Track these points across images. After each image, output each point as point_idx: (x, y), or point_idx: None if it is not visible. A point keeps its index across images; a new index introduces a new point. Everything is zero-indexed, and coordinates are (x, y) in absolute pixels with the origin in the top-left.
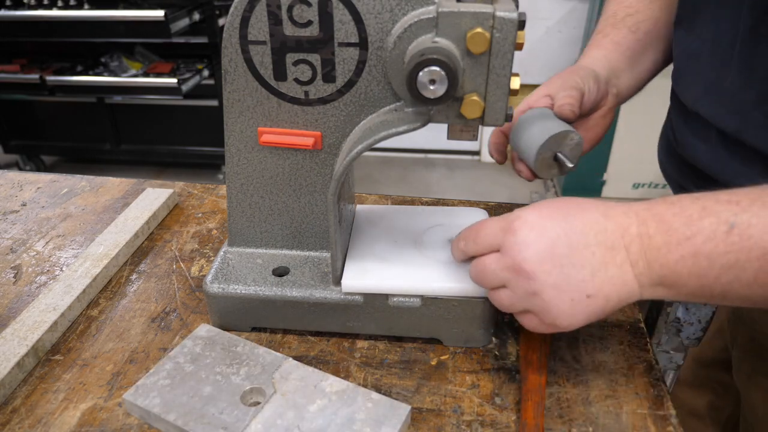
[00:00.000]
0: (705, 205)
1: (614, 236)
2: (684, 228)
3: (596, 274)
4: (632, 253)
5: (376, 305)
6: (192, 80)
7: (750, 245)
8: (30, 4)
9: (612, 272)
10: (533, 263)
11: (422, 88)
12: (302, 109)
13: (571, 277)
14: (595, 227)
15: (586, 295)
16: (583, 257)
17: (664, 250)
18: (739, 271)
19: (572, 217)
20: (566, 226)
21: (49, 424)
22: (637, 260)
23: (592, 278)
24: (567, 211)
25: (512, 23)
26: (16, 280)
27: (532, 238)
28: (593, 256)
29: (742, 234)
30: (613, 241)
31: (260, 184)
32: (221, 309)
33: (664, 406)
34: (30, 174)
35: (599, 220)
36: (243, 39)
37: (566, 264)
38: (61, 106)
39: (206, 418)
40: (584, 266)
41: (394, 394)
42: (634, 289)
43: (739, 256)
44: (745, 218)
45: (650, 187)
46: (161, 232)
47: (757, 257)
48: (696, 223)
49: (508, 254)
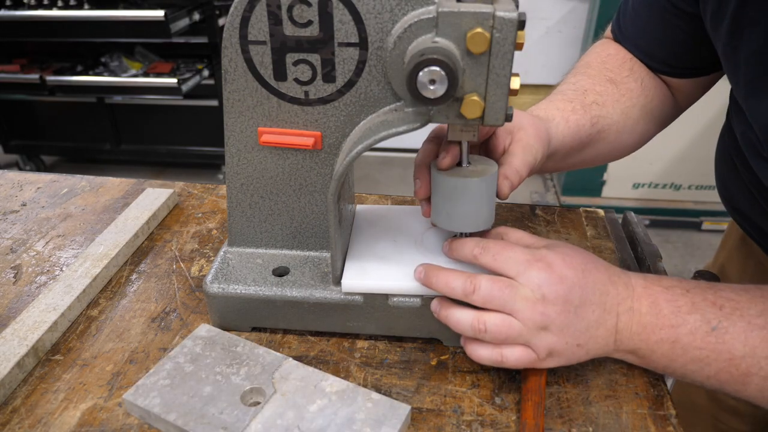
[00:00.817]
0: (694, 300)
1: (612, 302)
2: (672, 316)
3: (589, 329)
4: (621, 321)
5: (376, 305)
6: (192, 80)
7: (721, 348)
8: (30, 4)
9: (600, 332)
10: (550, 302)
11: (422, 88)
12: (302, 109)
13: (573, 325)
14: (600, 288)
15: (576, 344)
16: (586, 311)
17: (649, 329)
18: (704, 366)
19: (588, 272)
20: (582, 279)
21: (49, 424)
22: (622, 329)
23: (585, 332)
24: (585, 266)
25: (512, 23)
26: (16, 280)
27: (554, 280)
28: (592, 313)
29: (718, 337)
30: (610, 307)
31: (260, 184)
32: (221, 309)
33: (664, 406)
34: (30, 174)
35: (605, 283)
36: (243, 39)
37: (572, 312)
38: (61, 106)
39: (206, 418)
40: (584, 319)
41: (394, 394)
42: (609, 351)
43: (710, 354)
44: (724, 324)
45: (650, 187)
46: (161, 232)
47: (724, 360)
48: (684, 315)
49: (528, 286)
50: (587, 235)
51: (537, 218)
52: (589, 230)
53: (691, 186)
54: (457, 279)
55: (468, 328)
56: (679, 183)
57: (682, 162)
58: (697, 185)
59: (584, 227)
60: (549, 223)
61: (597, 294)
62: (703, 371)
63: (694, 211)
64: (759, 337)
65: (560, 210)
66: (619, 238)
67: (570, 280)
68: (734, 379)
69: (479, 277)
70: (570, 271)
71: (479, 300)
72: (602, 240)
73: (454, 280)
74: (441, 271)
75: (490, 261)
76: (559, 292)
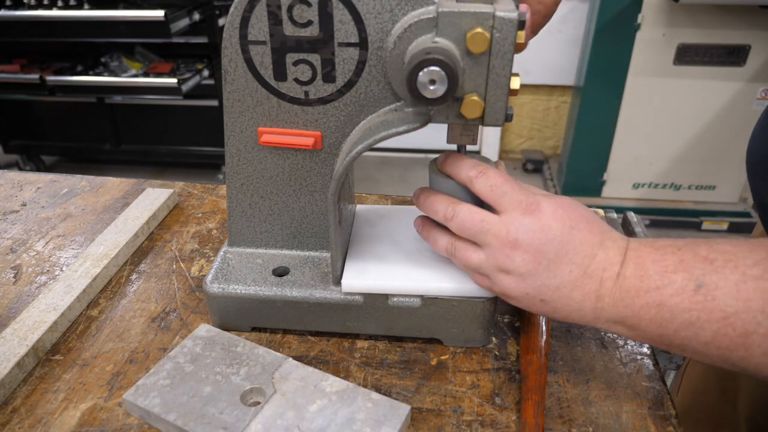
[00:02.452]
0: (683, 258)
1: (597, 266)
2: (657, 277)
3: (561, 288)
4: (604, 288)
5: (376, 305)
6: (192, 80)
7: (711, 307)
8: (30, 4)
9: (575, 295)
10: (521, 248)
11: (422, 88)
12: (302, 109)
13: (539, 277)
14: (586, 250)
15: (540, 299)
16: (559, 268)
17: (633, 293)
18: (698, 330)
19: (576, 230)
20: (567, 235)
21: (49, 424)
22: (604, 295)
23: (555, 289)
24: (576, 223)
25: (512, 23)
26: (16, 280)
27: (534, 227)
28: (569, 273)
29: (707, 294)
30: (593, 271)
31: (260, 184)
32: (221, 309)
33: (664, 406)
34: (30, 174)
35: (594, 246)
36: (243, 39)
37: (542, 265)
38: (61, 106)
39: (206, 418)
40: (556, 276)
41: (394, 394)
42: (587, 318)
43: (701, 315)
44: (713, 279)
45: (650, 187)
46: (161, 232)
47: (717, 319)
48: (669, 275)
49: (506, 225)
50: None
51: None
52: None
53: (691, 186)
54: (441, 202)
55: (442, 250)
56: (679, 183)
57: (682, 162)
58: (697, 185)
59: None
60: None
61: (580, 255)
62: (699, 337)
63: (694, 211)
64: (753, 288)
65: None
66: None
67: (552, 232)
68: (734, 342)
69: (460, 204)
70: (557, 223)
71: (455, 227)
72: None
73: (438, 203)
74: (431, 194)
75: (486, 189)
76: (534, 241)
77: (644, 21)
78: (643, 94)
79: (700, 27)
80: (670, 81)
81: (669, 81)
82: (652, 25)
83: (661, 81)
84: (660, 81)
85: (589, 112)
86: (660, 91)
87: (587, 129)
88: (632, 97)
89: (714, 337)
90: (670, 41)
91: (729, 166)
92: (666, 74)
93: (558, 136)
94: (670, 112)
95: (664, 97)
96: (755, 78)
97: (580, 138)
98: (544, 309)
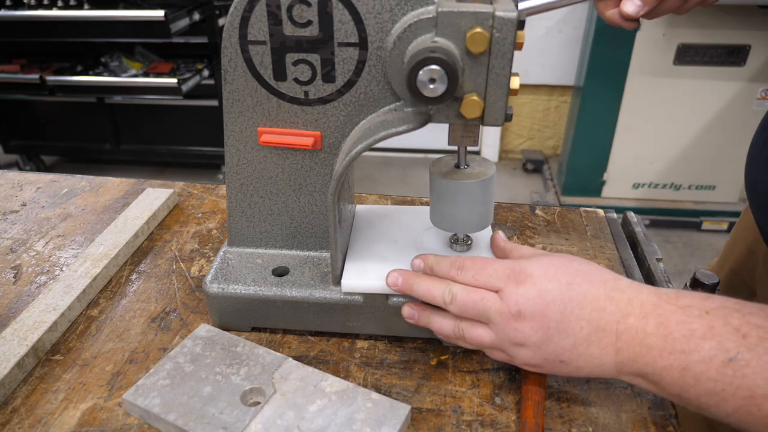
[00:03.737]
0: (713, 324)
1: (609, 319)
2: (683, 341)
3: (577, 347)
4: (621, 341)
5: (376, 305)
6: (192, 80)
7: (739, 383)
8: (30, 4)
9: (592, 351)
10: (526, 318)
11: (422, 87)
12: (302, 109)
13: (552, 340)
14: (593, 303)
15: (559, 360)
16: (570, 327)
17: (655, 353)
18: (721, 401)
19: (575, 285)
20: (567, 292)
21: (49, 424)
22: (622, 349)
23: (571, 349)
24: (573, 278)
25: (512, 23)
26: (16, 280)
27: (531, 295)
28: (581, 330)
29: (736, 370)
30: (606, 324)
31: (260, 184)
32: (221, 309)
33: (664, 406)
34: (30, 174)
35: (599, 299)
36: (243, 39)
37: (552, 328)
38: (61, 106)
39: (206, 418)
40: (568, 336)
41: (394, 394)
42: (609, 371)
43: (726, 388)
44: (746, 356)
45: (650, 187)
46: (161, 232)
47: (743, 396)
48: (697, 340)
49: (505, 300)
50: (587, 235)
51: (537, 218)
52: (588, 230)
53: (691, 186)
54: (436, 288)
55: (450, 334)
56: (679, 183)
57: (682, 162)
58: (697, 185)
59: (584, 227)
60: (549, 223)
61: (587, 309)
62: (720, 407)
63: (694, 211)
64: None
65: (560, 210)
66: (619, 238)
67: (550, 294)
68: (757, 421)
69: (454, 285)
70: (552, 283)
71: (456, 310)
72: (602, 240)
73: (434, 289)
74: (420, 278)
75: (471, 281)
76: (537, 307)
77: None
78: (643, 94)
79: (700, 27)
80: (670, 81)
81: (669, 81)
82: (652, 25)
83: (661, 81)
84: (660, 81)
85: (589, 112)
86: (660, 91)
87: (587, 129)
88: (632, 97)
89: (736, 411)
90: (670, 41)
91: (729, 166)
92: (666, 74)
93: (558, 136)
94: (670, 112)
95: (664, 97)
96: (755, 78)
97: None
98: (567, 370)
